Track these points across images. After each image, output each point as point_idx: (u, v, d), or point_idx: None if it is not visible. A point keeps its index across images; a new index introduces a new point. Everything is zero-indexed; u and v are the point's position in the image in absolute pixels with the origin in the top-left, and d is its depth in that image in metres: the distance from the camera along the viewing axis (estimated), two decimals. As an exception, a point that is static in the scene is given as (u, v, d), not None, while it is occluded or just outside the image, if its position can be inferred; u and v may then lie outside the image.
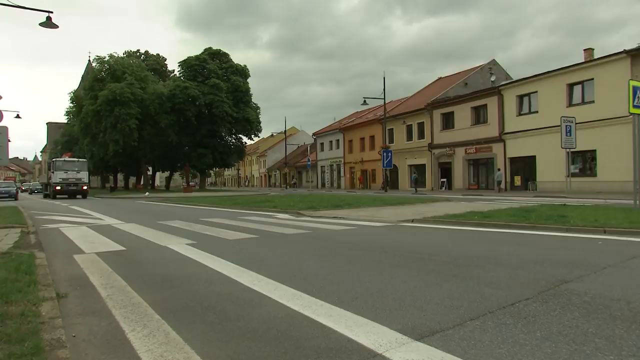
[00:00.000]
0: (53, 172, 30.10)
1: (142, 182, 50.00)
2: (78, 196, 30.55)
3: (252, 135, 49.75)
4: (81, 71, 72.43)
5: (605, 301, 3.21)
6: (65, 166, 30.77)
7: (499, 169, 28.87)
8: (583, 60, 25.53)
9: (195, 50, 50.70)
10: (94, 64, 46.32)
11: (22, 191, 53.02)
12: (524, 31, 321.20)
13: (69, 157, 38.50)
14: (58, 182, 29.42)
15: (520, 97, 27.94)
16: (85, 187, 31.14)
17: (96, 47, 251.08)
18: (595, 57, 24.77)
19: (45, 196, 34.21)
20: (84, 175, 31.24)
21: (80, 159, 33.94)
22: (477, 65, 38.28)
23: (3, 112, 13.89)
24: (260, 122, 48.76)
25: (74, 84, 72.94)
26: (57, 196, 29.40)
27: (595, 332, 2.58)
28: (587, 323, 2.75)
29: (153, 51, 63.54)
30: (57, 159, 33.89)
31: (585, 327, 2.68)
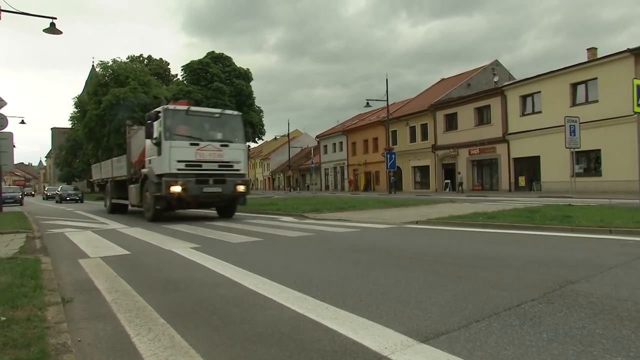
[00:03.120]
0: (161, 144, 11.45)
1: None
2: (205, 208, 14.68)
3: (256, 139, 49.87)
4: (86, 76, 72.91)
5: (612, 302, 3.19)
6: (192, 127, 12.01)
7: (459, 172, 30.93)
8: (586, 60, 25.44)
9: (203, 54, 51.30)
10: (97, 69, 46.60)
11: (47, 197, 44.39)
12: (529, 32, 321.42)
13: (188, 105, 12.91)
14: (175, 172, 11.27)
15: (524, 98, 27.87)
16: (242, 188, 12.33)
17: (103, 52, 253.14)
18: (599, 56, 24.68)
19: (116, 209, 16.18)
20: (238, 155, 12.51)
21: (227, 111, 14.04)
22: (480, 66, 38.23)
23: (8, 118, 14.02)
24: (263, 125, 48.84)
25: (80, 89, 73.42)
26: (165, 210, 12.21)
27: (602, 333, 2.56)
28: (593, 324, 2.73)
29: (160, 55, 63.87)
30: (170, 105, 12.45)
31: (592, 328, 2.66)
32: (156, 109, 12.10)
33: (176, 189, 11.09)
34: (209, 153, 11.72)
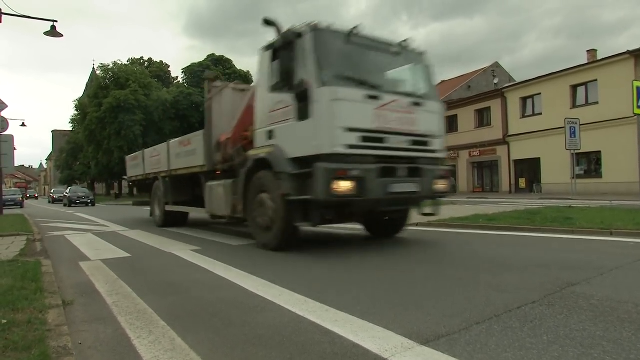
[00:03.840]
0: (307, 96, 5.46)
1: (147, 189, 50.15)
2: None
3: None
4: (87, 79, 73.15)
5: (612, 304, 3.19)
6: (358, 67, 5.96)
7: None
8: (587, 62, 25.48)
9: (204, 57, 51.33)
10: (98, 72, 46.74)
11: (53, 200, 39.73)
12: (529, 34, 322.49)
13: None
14: (343, 152, 5.35)
15: (524, 99, 27.91)
16: (443, 184, 6.71)
17: (104, 55, 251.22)
18: (599, 58, 24.72)
19: (171, 220, 10.64)
20: (433, 123, 6.37)
21: (409, 45, 6.71)
22: (480, 68, 38.29)
23: (9, 121, 14.06)
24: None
25: (81, 91, 73.63)
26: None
27: (603, 336, 2.56)
28: (594, 326, 2.73)
29: (161, 58, 64.09)
30: (322, 23, 5.81)
31: (592, 330, 2.66)
32: (293, 28, 6.01)
33: (347, 184, 5.37)
34: (395, 117, 5.90)
